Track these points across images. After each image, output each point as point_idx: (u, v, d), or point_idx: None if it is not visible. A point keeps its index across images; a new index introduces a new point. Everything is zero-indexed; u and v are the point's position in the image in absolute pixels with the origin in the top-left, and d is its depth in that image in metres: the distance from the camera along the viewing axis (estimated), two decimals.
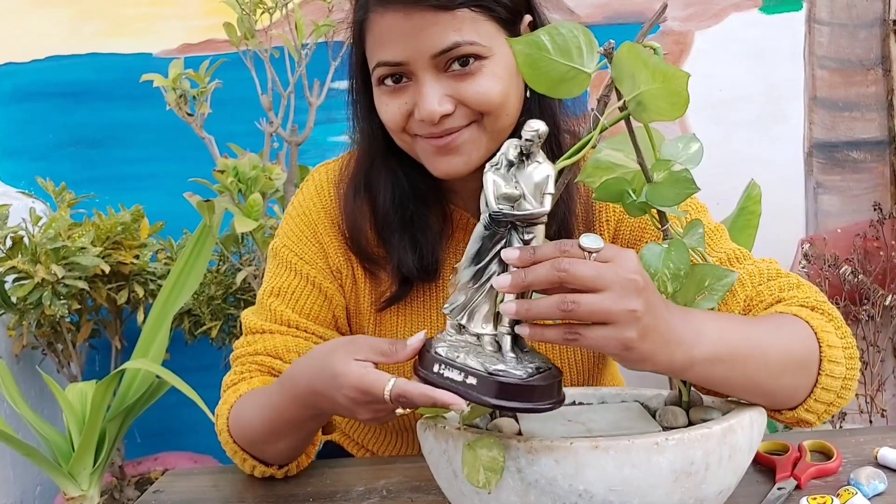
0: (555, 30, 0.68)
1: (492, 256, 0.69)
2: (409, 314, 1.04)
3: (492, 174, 0.68)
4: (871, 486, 0.81)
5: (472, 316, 0.71)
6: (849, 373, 0.82)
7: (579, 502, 0.68)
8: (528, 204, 0.67)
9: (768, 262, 0.94)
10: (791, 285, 0.89)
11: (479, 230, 0.69)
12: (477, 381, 0.67)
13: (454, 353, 0.69)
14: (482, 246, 0.69)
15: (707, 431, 0.69)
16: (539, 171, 0.67)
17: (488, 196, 0.67)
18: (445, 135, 0.89)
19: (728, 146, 2.13)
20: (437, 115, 0.87)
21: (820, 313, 0.84)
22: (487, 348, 0.70)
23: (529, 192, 0.67)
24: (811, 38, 2.15)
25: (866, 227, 2.15)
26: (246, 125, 1.91)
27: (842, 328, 0.84)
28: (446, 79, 0.87)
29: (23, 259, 1.77)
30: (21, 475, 2.01)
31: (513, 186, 0.67)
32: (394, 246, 0.99)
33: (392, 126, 0.92)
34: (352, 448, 1.20)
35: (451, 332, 0.72)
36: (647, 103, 0.66)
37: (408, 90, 0.89)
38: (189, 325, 2.03)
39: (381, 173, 0.99)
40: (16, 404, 1.68)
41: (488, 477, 0.69)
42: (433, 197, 1.00)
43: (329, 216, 1.04)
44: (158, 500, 0.96)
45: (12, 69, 2.21)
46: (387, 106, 0.90)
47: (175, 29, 2.17)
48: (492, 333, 0.71)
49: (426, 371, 0.70)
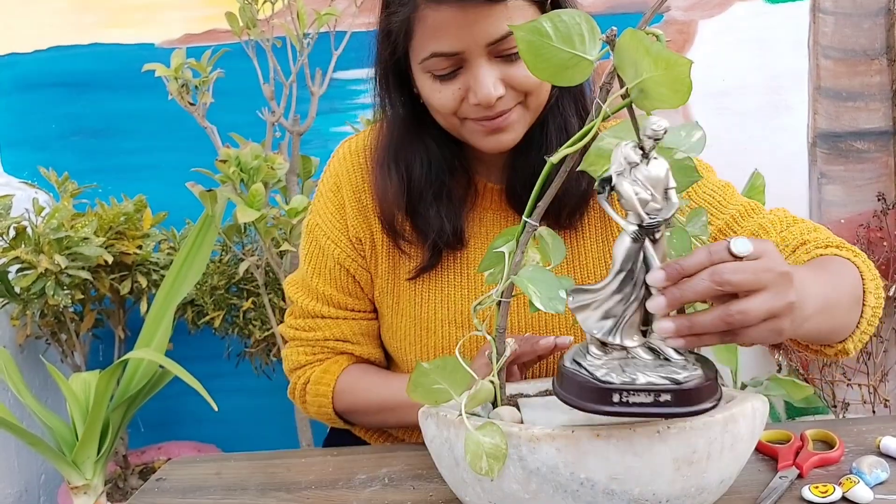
0: (556, 16, 0.67)
1: (639, 269, 0.65)
2: (438, 281, 1.07)
3: (627, 183, 0.64)
4: (874, 475, 0.81)
5: (625, 332, 0.67)
6: (877, 301, 0.91)
7: (581, 490, 0.68)
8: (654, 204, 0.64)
9: (782, 211, 1.02)
10: (809, 229, 0.99)
11: (628, 245, 0.64)
12: (672, 396, 0.62)
13: (625, 375, 0.64)
14: (633, 262, 0.65)
15: (709, 420, 0.69)
16: (658, 166, 0.65)
17: (636, 208, 0.63)
18: (497, 116, 0.93)
19: (731, 136, 2.12)
20: (494, 98, 0.91)
21: (846, 250, 0.94)
22: (646, 358, 0.66)
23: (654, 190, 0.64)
24: (815, 27, 2.14)
25: (870, 217, 2.15)
26: (248, 115, 1.91)
27: (867, 261, 0.93)
28: (498, 63, 0.91)
29: (26, 249, 1.77)
30: (25, 464, 2.02)
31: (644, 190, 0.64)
32: (427, 217, 1.02)
33: (444, 111, 0.95)
34: (359, 431, 1.20)
35: (597, 353, 0.67)
36: (649, 91, 0.65)
37: (460, 77, 0.93)
38: (192, 315, 2.03)
39: (414, 147, 1.02)
40: (20, 394, 1.69)
41: (491, 464, 0.69)
42: (459, 166, 1.04)
43: (352, 184, 1.08)
44: (161, 488, 0.96)
45: (14, 59, 2.21)
46: (440, 92, 0.94)
47: (177, 19, 2.17)
48: (642, 342, 0.67)
49: (604, 404, 0.64)
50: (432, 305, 1.07)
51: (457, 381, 0.73)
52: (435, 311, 1.07)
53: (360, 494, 0.88)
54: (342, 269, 1.09)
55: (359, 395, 1.09)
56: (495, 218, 1.07)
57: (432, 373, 0.73)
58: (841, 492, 0.78)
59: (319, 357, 1.13)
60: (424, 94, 0.96)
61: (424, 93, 0.96)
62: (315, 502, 0.87)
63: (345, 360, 1.13)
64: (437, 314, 1.07)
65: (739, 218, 1.01)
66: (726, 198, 1.04)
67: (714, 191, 1.04)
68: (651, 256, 0.64)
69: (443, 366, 0.73)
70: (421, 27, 0.91)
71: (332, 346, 1.12)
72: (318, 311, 1.11)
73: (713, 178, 1.07)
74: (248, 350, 2.05)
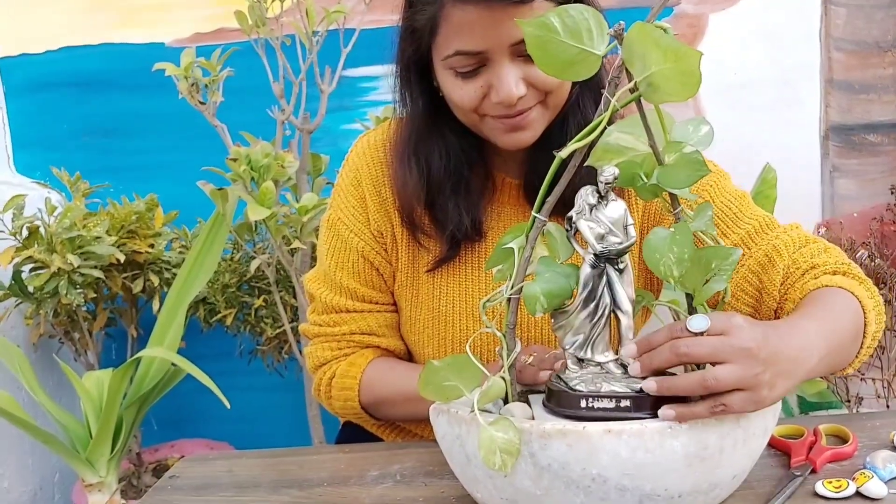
0: (564, 11, 0.67)
1: (601, 291, 0.74)
2: (452, 270, 1.08)
3: (584, 222, 0.75)
4: (888, 470, 0.80)
5: (595, 348, 0.76)
6: (878, 326, 0.92)
7: (592, 486, 0.68)
8: (614, 237, 0.74)
9: (796, 229, 1.01)
10: (820, 251, 0.98)
11: (587, 271, 0.75)
12: (631, 403, 0.71)
13: (593, 385, 0.73)
14: (592, 284, 0.75)
15: None
16: (616, 207, 0.75)
17: (589, 240, 0.74)
18: (517, 115, 0.94)
19: (743, 130, 2.11)
20: (516, 97, 0.92)
21: (851, 277, 0.94)
22: (616, 372, 0.75)
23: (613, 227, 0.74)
24: (827, 19, 2.12)
25: (883, 210, 2.13)
26: (258, 113, 1.91)
27: (870, 288, 0.94)
28: (520, 63, 0.92)
29: (39, 249, 1.78)
30: (40, 462, 2.03)
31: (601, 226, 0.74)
32: (445, 209, 1.03)
33: (465, 107, 0.96)
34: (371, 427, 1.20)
35: (574, 368, 0.77)
36: (658, 84, 0.65)
37: (483, 74, 0.93)
38: (204, 314, 2.04)
39: (433, 140, 1.03)
40: (34, 392, 1.70)
41: (505, 459, 0.69)
42: (478, 160, 1.05)
43: (372, 178, 1.09)
44: (174, 485, 0.96)
45: (26, 60, 2.22)
46: (462, 89, 0.95)
47: (186, 18, 2.18)
48: (614, 358, 0.76)
49: (572, 409, 0.73)
50: (451, 299, 1.08)
51: (468, 378, 0.73)
52: (453, 304, 1.07)
53: (371, 491, 0.88)
54: (366, 262, 1.09)
55: (386, 385, 1.08)
56: (514, 212, 1.08)
57: (443, 370, 0.73)
58: (855, 486, 0.78)
59: (345, 351, 1.12)
60: (446, 90, 0.97)
61: (446, 89, 0.97)
62: (327, 499, 0.87)
63: (370, 353, 1.12)
64: (456, 307, 1.07)
65: (755, 234, 1.00)
66: (742, 209, 1.03)
67: (731, 201, 1.04)
68: (614, 282, 0.74)
69: (454, 363, 0.73)
70: (446, 25, 0.92)
71: (358, 340, 1.12)
72: (343, 306, 1.11)
73: (730, 186, 1.06)
74: (259, 347, 2.06)
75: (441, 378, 0.73)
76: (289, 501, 0.88)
